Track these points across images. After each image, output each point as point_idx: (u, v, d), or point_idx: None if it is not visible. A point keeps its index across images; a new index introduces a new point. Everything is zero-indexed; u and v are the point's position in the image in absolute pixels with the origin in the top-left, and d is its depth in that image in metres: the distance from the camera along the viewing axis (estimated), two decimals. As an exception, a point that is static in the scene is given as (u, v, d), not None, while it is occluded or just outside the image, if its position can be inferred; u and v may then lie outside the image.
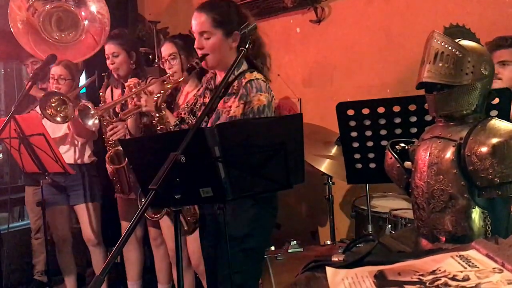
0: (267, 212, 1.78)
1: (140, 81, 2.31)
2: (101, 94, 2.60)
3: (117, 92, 2.67)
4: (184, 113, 1.99)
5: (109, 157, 2.53)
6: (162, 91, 2.00)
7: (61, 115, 2.45)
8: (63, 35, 2.79)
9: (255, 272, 1.82)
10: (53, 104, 2.44)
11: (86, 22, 2.81)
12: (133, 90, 2.19)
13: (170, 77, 2.30)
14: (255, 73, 1.76)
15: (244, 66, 1.79)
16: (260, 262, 1.85)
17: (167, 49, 2.38)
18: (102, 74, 2.67)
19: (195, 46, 1.78)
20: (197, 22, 1.74)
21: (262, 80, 1.74)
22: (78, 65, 2.96)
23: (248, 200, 1.69)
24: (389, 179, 1.30)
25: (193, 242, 2.35)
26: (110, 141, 2.51)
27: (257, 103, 1.68)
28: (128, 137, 2.44)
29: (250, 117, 1.68)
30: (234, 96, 1.73)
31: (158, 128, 2.07)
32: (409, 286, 0.76)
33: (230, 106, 1.73)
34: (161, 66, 2.53)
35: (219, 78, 1.86)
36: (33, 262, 3.31)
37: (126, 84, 2.27)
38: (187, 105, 2.06)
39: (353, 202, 2.55)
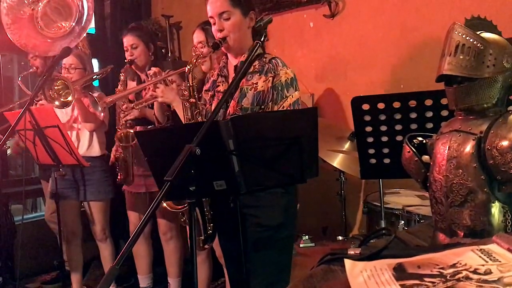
0: (294, 201, 1.80)
1: (161, 70, 2.28)
2: (117, 90, 2.58)
3: (132, 84, 2.68)
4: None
5: (118, 136, 2.53)
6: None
7: (62, 99, 2.44)
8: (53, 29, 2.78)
9: (287, 262, 1.79)
10: (56, 87, 2.44)
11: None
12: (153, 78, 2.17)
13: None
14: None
15: (260, 50, 1.81)
16: (291, 252, 1.84)
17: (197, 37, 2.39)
18: (125, 61, 2.61)
19: (215, 29, 1.78)
20: (216, 3, 1.76)
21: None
22: (87, 53, 2.98)
23: (279, 189, 1.71)
24: (403, 174, 1.28)
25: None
26: (123, 123, 2.52)
27: (285, 76, 1.74)
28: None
29: (274, 94, 1.72)
30: (258, 74, 1.76)
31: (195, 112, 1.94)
32: (429, 279, 0.75)
33: (256, 83, 1.74)
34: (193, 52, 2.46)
35: (231, 64, 1.86)
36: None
37: (148, 72, 2.25)
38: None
39: (365, 198, 2.54)
